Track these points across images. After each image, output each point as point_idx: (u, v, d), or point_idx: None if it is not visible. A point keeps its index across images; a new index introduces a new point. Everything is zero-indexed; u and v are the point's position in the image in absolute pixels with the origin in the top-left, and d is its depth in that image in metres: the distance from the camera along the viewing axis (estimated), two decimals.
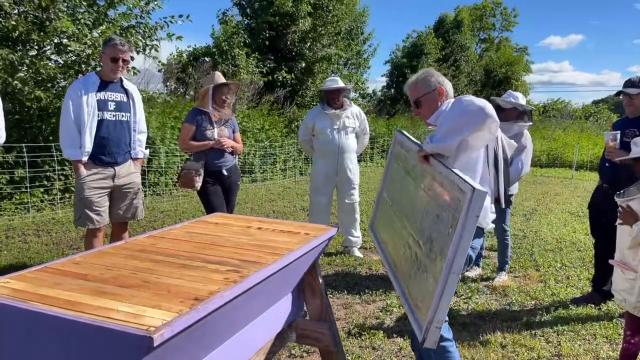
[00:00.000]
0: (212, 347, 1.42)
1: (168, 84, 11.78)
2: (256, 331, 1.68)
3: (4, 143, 3.84)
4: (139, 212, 3.84)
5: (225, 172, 4.04)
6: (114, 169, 3.62)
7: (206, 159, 3.96)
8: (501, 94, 4.43)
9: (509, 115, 4.15)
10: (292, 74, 14.21)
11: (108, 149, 3.56)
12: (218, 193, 4.04)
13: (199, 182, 3.92)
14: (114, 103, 3.58)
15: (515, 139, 4.16)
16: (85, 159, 3.50)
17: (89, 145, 3.48)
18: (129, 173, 3.72)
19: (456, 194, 1.54)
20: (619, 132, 3.35)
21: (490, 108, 1.92)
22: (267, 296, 1.67)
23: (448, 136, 1.93)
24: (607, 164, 3.56)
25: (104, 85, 3.58)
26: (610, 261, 2.48)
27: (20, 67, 6.28)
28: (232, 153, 4.13)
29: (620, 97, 3.61)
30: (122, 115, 3.63)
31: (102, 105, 3.52)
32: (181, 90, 11.66)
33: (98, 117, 3.50)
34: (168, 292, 1.21)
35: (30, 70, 6.42)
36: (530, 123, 4.24)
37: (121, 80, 3.69)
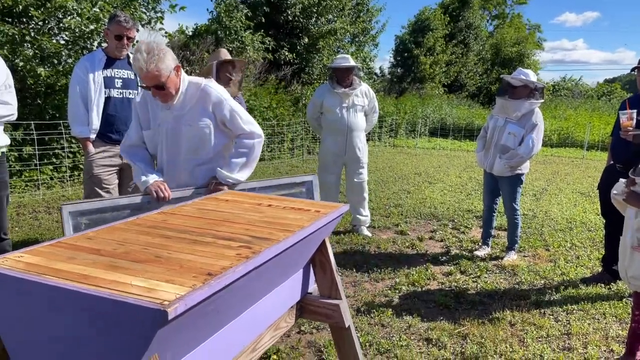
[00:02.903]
0: (225, 322, 1.42)
1: None
2: (267, 307, 1.68)
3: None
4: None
5: None
6: None
7: None
8: (511, 72, 4.35)
9: (520, 92, 4.09)
10: (294, 53, 14.01)
11: (116, 126, 3.55)
12: None
13: None
14: (120, 80, 3.55)
15: (526, 117, 4.12)
16: (93, 136, 3.49)
17: (96, 122, 3.47)
18: None
19: None
20: (635, 110, 3.29)
21: None
22: (278, 272, 1.66)
23: None
24: (621, 143, 3.50)
25: (110, 62, 3.54)
26: (634, 248, 2.43)
27: (23, 44, 6.25)
28: None
29: (635, 73, 3.53)
30: (129, 93, 3.60)
31: (108, 83, 3.50)
32: (186, 67, 11.58)
33: (105, 94, 3.48)
34: (180, 267, 1.20)
35: (34, 46, 6.39)
36: (542, 100, 4.17)
37: (128, 57, 3.65)
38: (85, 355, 1.11)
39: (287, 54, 13.82)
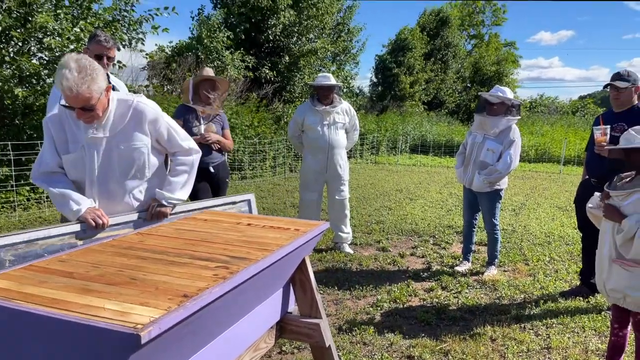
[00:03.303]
0: (202, 344, 1.40)
1: (154, 81, 11.66)
2: (246, 328, 1.66)
3: None
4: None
5: (212, 169, 4.00)
6: None
7: None
8: (490, 90, 4.46)
9: (498, 109, 4.18)
10: (275, 71, 14.11)
11: None
12: (206, 189, 4.00)
13: None
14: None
15: (504, 133, 4.20)
16: None
17: None
18: None
19: None
20: (609, 126, 3.37)
21: None
22: (257, 292, 1.65)
23: None
24: (595, 159, 3.58)
25: None
26: (614, 261, 2.46)
27: (2, 65, 6.18)
28: (219, 150, 4.06)
29: (608, 89, 3.63)
30: None
31: None
32: (167, 87, 11.56)
33: None
34: (156, 289, 1.18)
35: (12, 66, 6.32)
36: (519, 117, 4.26)
37: (107, 77, 3.63)
38: None
39: (268, 72, 13.90)
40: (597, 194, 2.72)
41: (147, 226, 2.02)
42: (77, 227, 2.01)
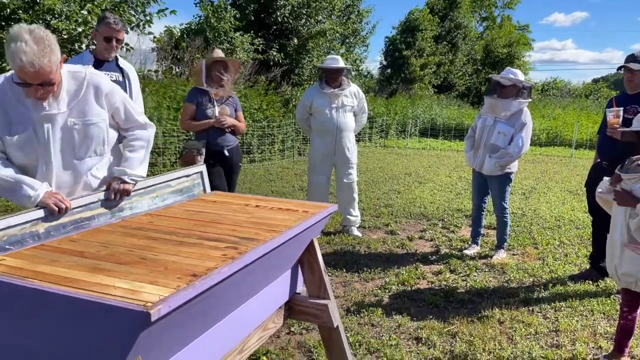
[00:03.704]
0: (212, 323, 1.42)
1: (163, 63, 11.64)
2: (255, 308, 1.68)
3: None
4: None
5: (227, 153, 3.99)
6: None
7: (208, 138, 3.90)
8: (501, 72, 4.39)
9: (509, 92, 4.12)
10: (284, 53, 14.00)
11: None
12: (219, 174, 4.00)
13: (200, 162, 3.86)
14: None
15: (515, 116, 4.15)
16: None
17: None
18: None
19: None
20: (622, 108, 3.32)
21: None
22: (265, 273, 1.66)
23: None
24: (607, 141, 3.54)
25: (98, 65, 3.51)
26: (627, 246, 2.45)
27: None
28: (233, 132, 4.06)
29: (622, 71, 3.57)
30: None
31: None
32: (176, 69, 11.54)
33: None
34: (165, 269, 1.20)
35: None
36: (530, 99, 4.21)
37: (116, 59, 3.62)
38: (69, 358, 1.10)
39: (276, 54, 13.80)
40: (606, 178, 2.69)
41: (156, 208, 2.03)
42: (40, 214, 1.80)
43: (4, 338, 1.17)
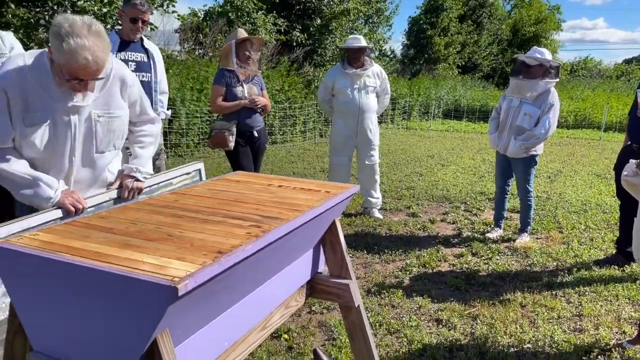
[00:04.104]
0: (235, 300, 1.45)
1: (185, 44, 11.69)
2: (277, 286, 1.70)
3: None
4: (162, 172, 3.88)
5: (256, 134, 4.01)
6: None
7: (238, 119, 3.92)
8: (527, 52, 4.28)
9: (535, 72, 4.03)
10: (307, 34, 13.88)
11: None
12: (247, 155, 4.03)
13: (232, 142, 3.88)
14: (134, 63, 3.56)
15: (542, 97, 4.05)
16: None
17: None
18: None
19: None
20: None
21: None
22: (288, 252, 1.68)
23: None
24: (638, 124, 3.44)
25: (124, 45, 3.55)
26: None
27: (38, 28, 6.29)
28: (261, 112, 4.07)
29: None
30: (143, 76, 3.61)
31: None
32: (199, 51, 11.57)
33: None
34: (191, 246, 1.22)
35: (48, 30, 6.44)
36: (557, 79, 4.10)
37: (142, 40, 3.66)
38: (99, 330, 1.14)
39: (299, 35, 13.70)
40: (632, 160, 2.62)
41: (181, 187, 2.07)
42: (58, 214, 1.71)
43: (37, 312, 1.22)
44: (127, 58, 3.53)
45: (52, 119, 1.87)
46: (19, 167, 1.85)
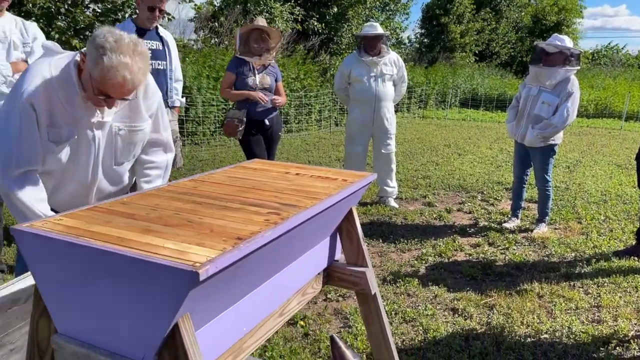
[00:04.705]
0: (254, 286, 1.46)
1: (201, 33, 11.70)
2: (295, 273, 1.72)
3: None
4: (178, 159, 3.93)
5: (267, 123, 4.02)
6: None
7: (248, 108, 3.93)
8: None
9: (555, 59, 3.95)
10: (323, 22, 13.79)
11: None
12: (260, 143, 4.04)
13: (241, 131, 3.91)
14: (150, 52, 3.59)
15: (562, 85, 3.98)
16: None
17: None
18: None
19: None
20: None
21: None
22: (305, 239, 1.69)
23: None
24: None
25: (140, 33, 3.58)
26: None
27: (58, 17, 6.36)
28: (273, 109, 4.05)
29: None
30: (158, 64, 3.65)
31: None
32: (215, 39, 11.58)
33: None
34: (211, 232, 1.24)
35: (68, 19, 6.50)
36: (578, 67, 4.02)
37: (157, 28, 3.68)
38: (121, 314, 1.16)
39: (315, 23, 13.63)
40: None
41: (200, 174, 2.09)
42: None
43: (61, 295, 1.24)
44: None
45: (77, 135, 1.83)
46: (36, 201, 1.78)
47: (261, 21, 4.04)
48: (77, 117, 1.80)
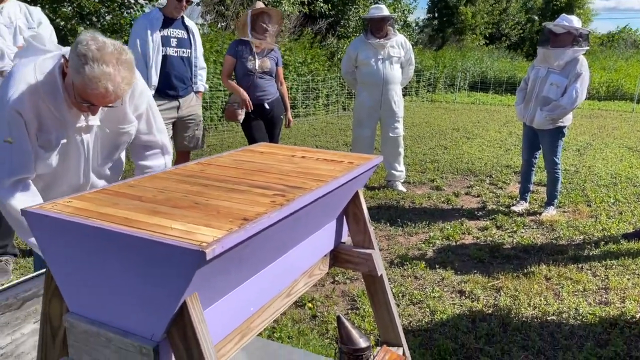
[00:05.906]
0: (261, 266, 1.48)
1: (207, 17, 11.64)
2: (302, 254, 1.73)
3: None
4: (200, 142, 4.01)
5: (267, 106, 4.03)
6: (178, 101, 3.74)
7: (248, 91, 3.95)
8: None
9: (564, 40, 3.90)
10: (330, 5, 13.64)
11: (172, 83, 3.68)
12: (260, 127, 4.06)
13: (241, 115, 3.96)
14: (175, 40, 3.70)
15: (570, 66, 3.93)
16: (152, 92, 3.61)
17: (155, 79, 3.60)
18: (191, 105, 3.85)
19: None
20: None
21: None
22: (311, 221, 1.70)
23: None
24: None
25: (167, 22, 3.66)
26: None
27: (63, 3, 6.36)
28: (273, 92, 4.08)
29: None
30: (183, 52, 3.75)
31: (165, 42, 3.64)
32: (221, 24, 11.52)
33: (162, 52, 3.60)
34: (218, 213, 1.25)
35: (74, 5, 6.50)
36: (587, 47, 3.96)
37: (182, 18, 3.76)
38: (131, 293, 1.19)
39: (322, 6, 13.49)
40: None
41: (206, 157, 2.10)
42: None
43: (71, 276, 1.27)
44: (169, 35, 3.65)
45: (65, 139, 1.82)
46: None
47: (261, 4, 4.05)
48: (64, 121, 1.79)
